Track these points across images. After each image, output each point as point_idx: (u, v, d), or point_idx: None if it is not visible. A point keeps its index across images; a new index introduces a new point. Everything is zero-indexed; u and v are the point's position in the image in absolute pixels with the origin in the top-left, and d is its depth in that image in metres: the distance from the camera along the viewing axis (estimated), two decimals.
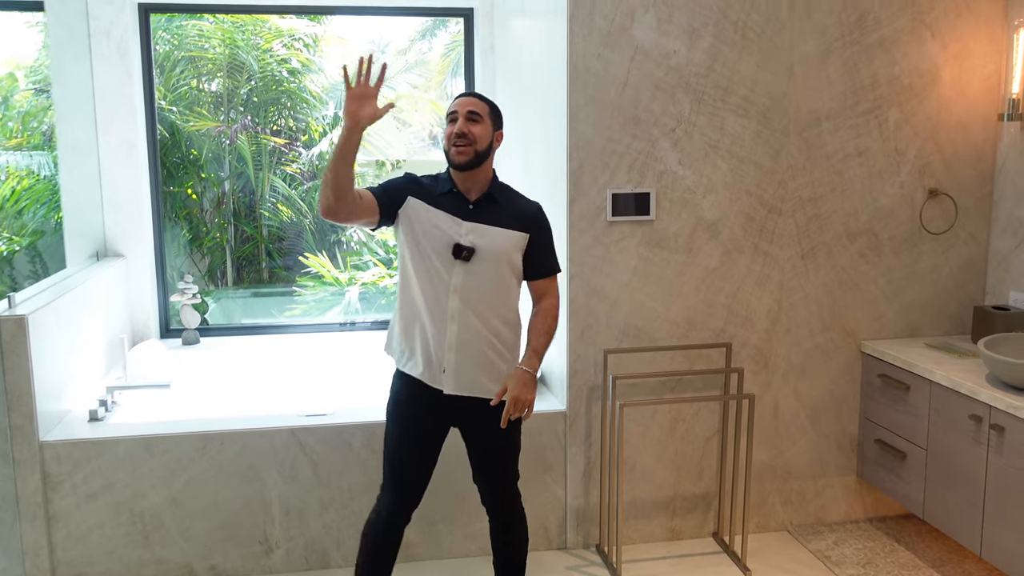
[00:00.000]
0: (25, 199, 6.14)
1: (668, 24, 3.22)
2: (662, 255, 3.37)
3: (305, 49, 6.40)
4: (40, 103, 6.31)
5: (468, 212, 2.60)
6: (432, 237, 2.56)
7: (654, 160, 3.30)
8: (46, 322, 3.20)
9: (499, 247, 2.59)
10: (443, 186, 2.63)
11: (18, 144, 6.27)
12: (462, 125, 2.55)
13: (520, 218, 2.65)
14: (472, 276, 2.57)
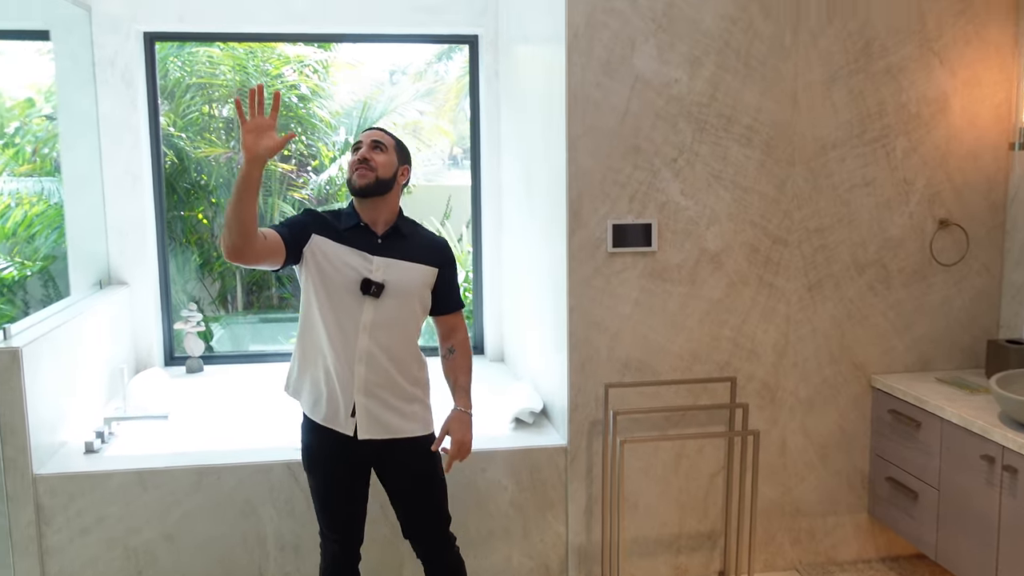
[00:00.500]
0: (37, 224, 6.16)
1: (669, 53, 3.17)
2: (664, 287, 3.30)
3: (315, 75, 6.41)
4: (52, 129, 6.34)
5: (376, 246, 2.54)
6: (340, 273, 2.49)
7: (656, 190, 3.24)
8: (41, 354, 3.18)
9: (409, 282, 2.55)
10: (348, 221, 2.56)
11: (30, 170, 6.30)
12: (365, 152, 2.53)
13: (429, 252, 2.62)
14: (381, 312, 2.50)
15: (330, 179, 6.41)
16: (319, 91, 6.44)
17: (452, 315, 2.74)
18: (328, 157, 6.53)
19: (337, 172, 6.38)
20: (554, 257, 3.40)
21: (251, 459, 3.22)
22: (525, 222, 3.97)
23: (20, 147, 6.48)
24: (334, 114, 6.58)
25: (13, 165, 6.27)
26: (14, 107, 6.78)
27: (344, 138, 6.64)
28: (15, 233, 6.08)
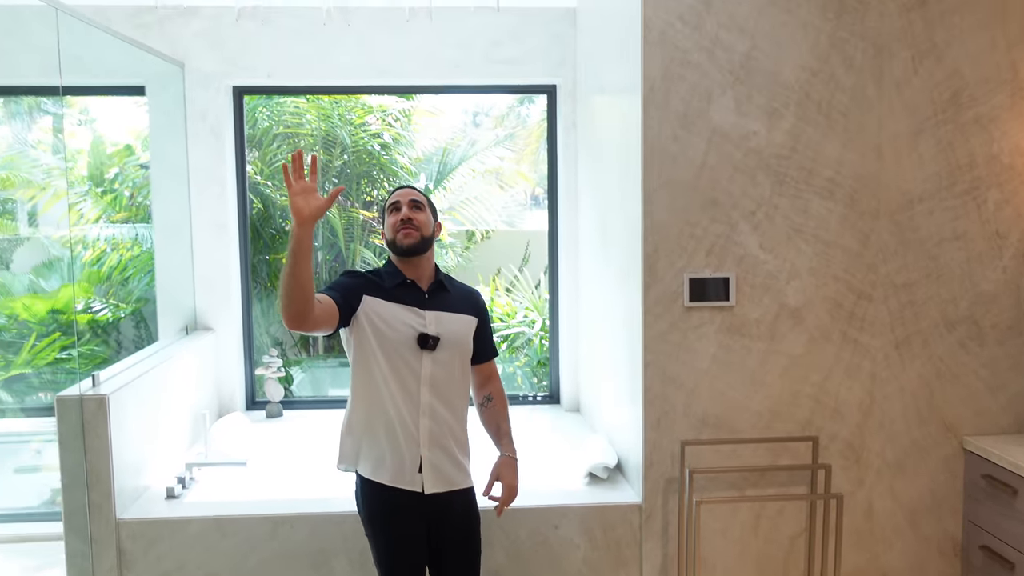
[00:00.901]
0: (131, 268, 6.41)
1: (747, 105, 3.13)
2: (743, 342, 3.22)
3: (396, 123, 6.54)
4: (146, 177, 6.61)
5: (425, 301, 2.59)
6: (396, 331, 2.51)
7: (734, 244, 3.18)
8: (127, 400, 3.27)
9: (458, 333, 2.61)
10: (393, 279, 2.59)
11: (126, 217, 6.57)
12: (407, 212, 2.58)
13: (468, 303, 2.70)
14: (438, 365, 2.55)
15: None
16: (400, 139, 6.56)
17: (488, 363, 2.82)
18: None
19: None
20: (629, 310, 3.36)
21: (325, 509, 3.24)
22: (601, 271, 3.95)
23: (118, 193, 6.79)
24: (415, 160, 6.69)
25: (111, 212, 6.55)
26: (114, 154, 7.11)
27: (424, 184, 6.73)
28: (110, 277, 6.33)
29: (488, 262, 6.71)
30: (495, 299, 5.84)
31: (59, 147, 7.34)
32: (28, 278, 6.47)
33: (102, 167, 6.99)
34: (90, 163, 7.03)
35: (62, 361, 5.90)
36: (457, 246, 6.61)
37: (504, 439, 2.75)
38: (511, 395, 4.94)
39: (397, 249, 2.58)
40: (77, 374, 4.27)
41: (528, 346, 5.52)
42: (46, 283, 6.41)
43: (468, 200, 6.69)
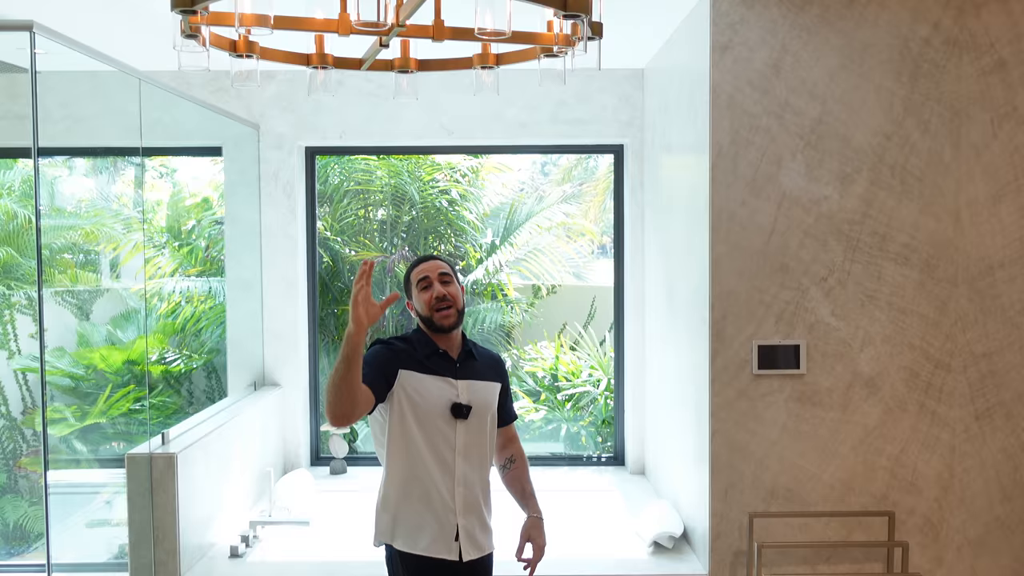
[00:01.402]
0: (204, 320, 6.56)
1: (818, 169, 3.08)
2: (815, 412, 3.13)
3: (464, 179, 6.61)
4: (220, 233, 6.80)
5: (456, 370, 2.58)
6: (430, 402, 2.51)
7: (804, 310, 3.11)
8: (195, 459, 3.32)
9: (487, 399, 2.61)
10: (426, 348, 2.57)
11: (200, 271, 6.74)
12: (440, 289, 2.54)
13: (493, 368, 2.70)
14: (471, 433, 2.55)
15: (476, 281, 6.52)
16: (468, 195, 6.62)
17: (509, 426, 2.82)
18: (475, 258, 6.67)
19: (483, 274, 6.50)
20: (696, 376, 3.30)
21: (382, 572, 3.22)
22: (667, 333, 3.89)
23: (194, 245, 6.99)
24: (482, 216, 6.74)
25: (187, 265, 6.74)
26: (192, 207, 7.34)
27: (491, 240, 6.77)
28: (183, 328, 6.49)
29: (553, 317, 6.68)
30: (560, 357, 5.80)
31: (139, 200, 7.61)
32: (106, 329, 6.66)
33: (180, 219, 7.21)
34: (168, 215, 7.25)
35: (135, 412, 6.04)
36: (523, 301, 6.61)
37: (530, 500, 2.77)
38: (575, 455, 4.89)
39: (436, 327, 2.57)
40: (148, 426, 4.36)
41: (593, 404, 5.46)
42: (123, 334, 6.60)
43: (534, 252, 6.70)
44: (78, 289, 6.94)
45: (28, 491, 5.95)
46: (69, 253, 7.12)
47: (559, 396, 5.60)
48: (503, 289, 6.56)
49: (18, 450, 6.13)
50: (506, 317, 6.48)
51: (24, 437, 6.21)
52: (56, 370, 6.13)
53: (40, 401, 6.23)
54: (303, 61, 2.06)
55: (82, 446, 6.01)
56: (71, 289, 6.89)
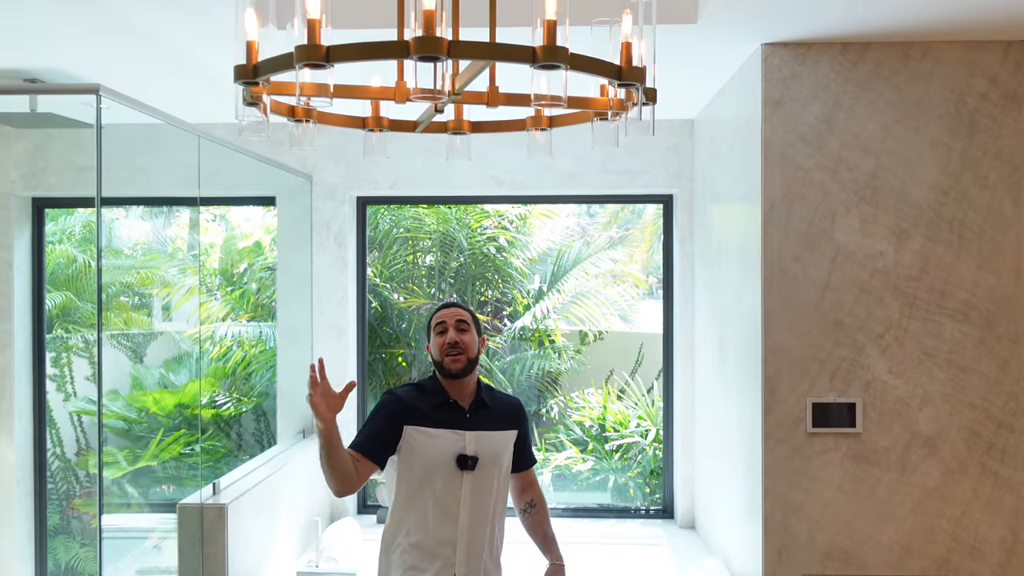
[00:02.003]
0: (254, 364, 6.64)
1: (873, 225, 3.04)
2: (871, 472, 3.06)
3: (511, 226, 6.64)
4: (269, 278, 6.91)
5: (465, 421, 2.60)
6: (436, 455, 2.55)
7: (860, 368, 3.05)
8: (245, 508, 3.33)
9: (497, 450, 2.62)
10: (436, 397, 2.61)
11: (251, 316, 6.84)
12: (453, 335, 2.58)
13: (509, 416, 2.70)
14: (478, 484, 2.57)
15: (524, 327, 6.52)
16: (515, 242, 6.65)
17: (528, 471, 2.83)
18: (523, 304, 6.67)
19: (531, 320, 6.50)
20: (748, 432, 3.24)
21: None
22: (717, 385, 3.84)
23: (246, 288, 7.10)
24: (529, 261, 6.76)
25: (238, 310, 6.84)
26: (244, 250, 7.47)
27: (538, 286, 6.78)
28: (234, 372, 6.57)
29: (600, 364, 6.64)
30: (607, 407, 5.75)
31: (194, 244, 7.76)
32: (159, 372, 6.77)
33: (232, 262, 7.34)
34: (221, 258, 7.39)
35: (186, 456, 6.11)
36: (569, 348, 6.58)
37: (551, 546, 2.78)
38: (623, 508, 4.82)
39: (444, 372, 2.60)
40: (199, 471, 4.40)
41: (641, 455, 5.40)
42: (175, 377, 6.70)
43: (581, 295, 6.69)
44: (132, 332, 7.08)
45: (80, 532, 6.03)
46: (125, 296, 7.28)
47: (607, 446, 5.54)
48: (550, 335, 6.55)
49: (71, 491, 6.23)
50: (553, 364, 6.46)
51: (78, 478, 6.31)
52: (110, 413, 6.23)
53: (92, 443, 6.33)
54: (359, 124, 2.10)
55: (133, 489, 6.09)
56: (126, 332, 7.03)
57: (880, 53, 3.02)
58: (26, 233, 4.67)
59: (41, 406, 4.74)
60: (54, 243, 6.63)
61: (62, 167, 4.56)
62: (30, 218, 4.68)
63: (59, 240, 6.77)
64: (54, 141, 4.54)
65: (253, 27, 1.65)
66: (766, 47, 3.04)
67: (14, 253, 4.56)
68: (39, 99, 3.47)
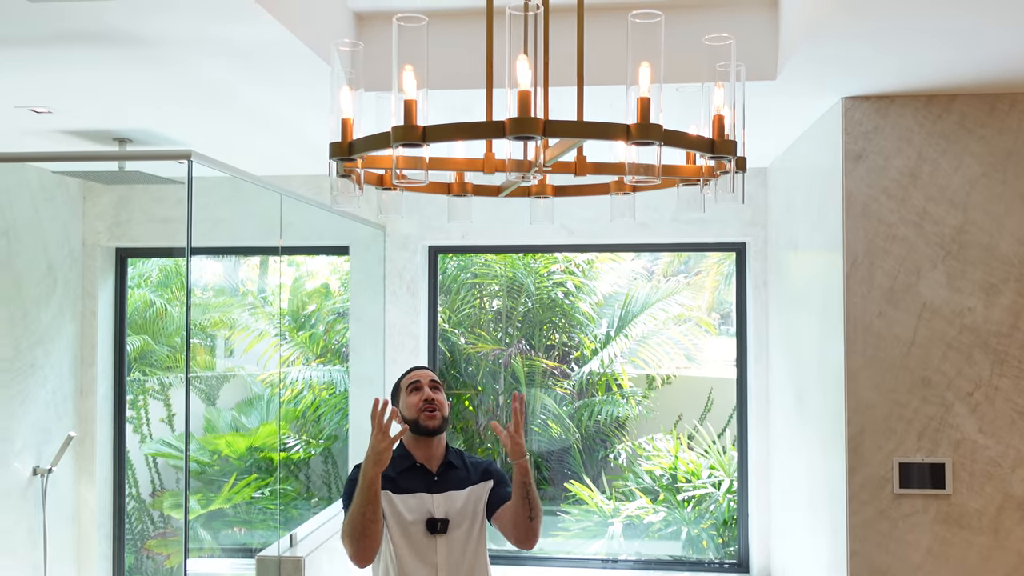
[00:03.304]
0: (324, 408, 6.72)
1: (960, 280, 2.96)
2: (963, 535, 2.95)
3: (578, 271, 6.64)
4: (337, 322, 7.02)
5: (433, 484, 2.58)
6: (407, 522, 2.53)
7: (949, 427, 2.96)
8: (321, 560, 3.35)
9: (469, 507, 2.59)
10: (403, 463, 2.59)
11: (321, 360, 6.93)
12: (428, 393, 2.61)
13: (478, 470, 2.68)
14: (453, 544, 2.55)
15: (591, 372, 6.49)
16: (582, 287, 6.64)
17: None
18: (590, 349, 6.64)
19: (598, 365, 6.47)
20: (831, 491, 3.16)
21: None
22: (795, 438, 3.76)
23: (314, 330, 7.21)
24: (596, 305, 6.74)
25: (309, 355, 6.94)
26: (312, 292, 7.60)
27: (605, 331, 6.75)
28: (304, 415, 6.65)
29: (668, 409, 6.56)
30: (679, 456, 5.67)
31: (264, 287, 7.92)
32: (231, 414, 6.89)
33: (301, 304, 7.46)
34: (291, 299, 7.52)
35: (257, 500, 6.18)
36: (637, 393, 6.52)
37: None
38: (697, 561, 4.73)
39: (420, 430, 2.59)
40: (271, 514, 4.44)
41: (715, 505, 5.30)
42: (247, 419, 6.81)
43: (647, 337, 6.64)
44: (206, 375, 7.23)
45: (154, 573, 6.13)
46: (199, 338, 7.45)
47: (679, 497, 5.46)
48: (617, 380, 6.50)
49: (146, 532, 6.35)
50: (620, 409, 6.40)
51: (152, 520, 6.43)
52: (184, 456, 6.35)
53: (167, 484, 6.45)
54: (444, 190, 2.12)
55: (206, 532, 6.17)
56: (199, 375, 7.18)
57: (966, 105, 2.97)
58: (110, 282, 4.81)
59: (120, 450, 4.85)
60: (132, 287, 6.82)
61: (145, 219, 4.71)
62: (113, 267, 4.83)
63: (137, 285, 6.97)
64: (137, 194, 4.69)
65: (348, 104, 1.69)
66: (847, 100, 3.01)
67: (98, 302, 4.70)
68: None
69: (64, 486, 4.56)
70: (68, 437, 4.43)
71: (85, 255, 4.71)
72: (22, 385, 4.25)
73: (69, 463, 4.59)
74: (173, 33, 2.43)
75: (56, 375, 4.49)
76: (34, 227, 4.31)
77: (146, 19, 2.31)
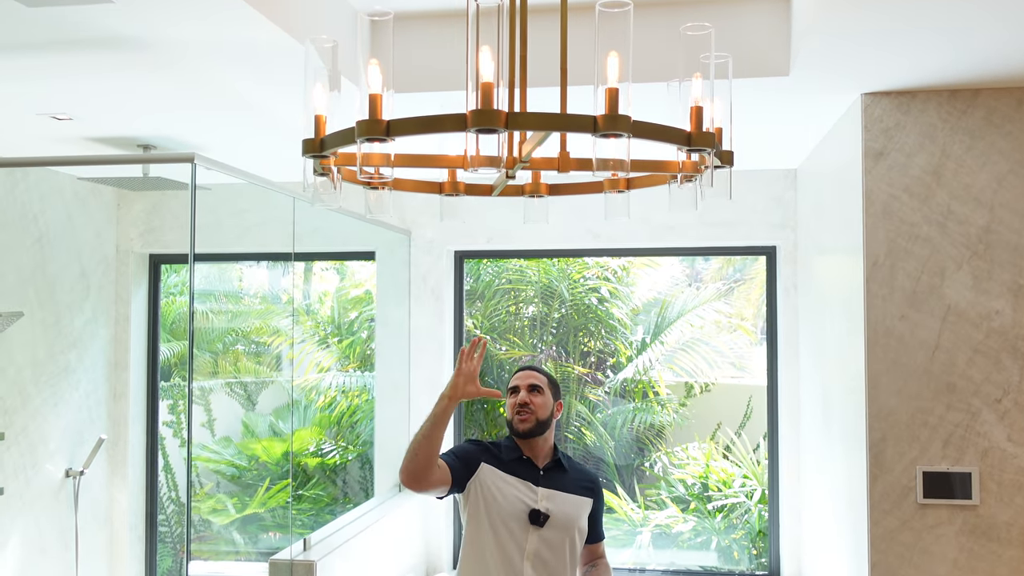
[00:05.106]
0: (359, 413, 6.75)
1: (987, 282, 2.84)
2: (990, 547, 2.82)
3: (613, 277, 6.57)
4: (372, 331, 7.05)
5: (539, 478, 2.63)
6: (508, 502, 2.56)
7: (975, 435, 2.84)
8: (335, 565, 3.35)
9: (571, 512, 2.62)
10: (511, 453, 2.66)
11: (357, 367, 6.96)
12: (524, 396, 2.65)
13: (585, 484, 2.72)
14: (544, 542, 2.56)
15: (626, 380, 6.40)
16: (617, 293, 6.57)
17: (597, 544, 2.82)
18: (625, 355, 6.56)
19: (633, 372, 6.39)
20: (854, 500, 3.06)
21: None
22: (822, 447, 3.66)
23: (356, 337, 7.25)
24: (632, 311, 6.66)
25: (345, 360, 6.98)
26: (354, 299, 7.64)
27: (641, 337, 6.66)
28: (339, 422, 6.69)
29: (706, 417, 6.44)
30: (710, 464, 5.56)
31: (307, 293, 7.99)
32: (269, 419, 6.95)
33: (343, 311, 7.51)
34: (333, 307, 7.58)
35: (291, 504, 6.22)
36: (674, 400, 6.41)
37: None
38: (727, 571, 4.63)
39: (513, 431, 2.69)
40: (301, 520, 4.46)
41: (747, 515, 5.18)
42: (284, 424, 6.87)
43: (688, 345, 6.52)
44: (246, 380, 7.32)
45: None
46: (241, 345, 7.55)
47: (709, 506, 5.35)
48: (654, 387, 6.41)
49: (184, 535, 6.43)
50: (656, 416, 6.30)
51: (192, 522, 6.51)
52: (222, 460, 6.43)
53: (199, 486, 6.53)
54: (436, 189, 2.10)
55: (239, 536, 6.23)
56: (240, 380, 7.27)
57: (992, 99, 2.85)
58: (143, 288, 4.89)
59: (153, 454, 4.92)
60: (175, 295, 6.94)
61: (177, 225, 4.78)
62: (147, 274, 4.90)
63: (180, 292, 7.09)
64: (169, 201, 4.76)
65: (322, 101, 1.68)
66: (866, 96, 2.92)
67: (131, 307, 4.78)
68: (151, 164, 3.66)
69: (96, 488, 4.63)
70: (99, 440, 4.51)
71: (118, 261, 4.79)
72: (55, 388, 4.33)
73: (102, 466, 4.67)
74: (192, 39, 2.47)
75: (89, 379, 4.58)
76: (67, 233, 4.41)
77: (168, 25, 2.35)
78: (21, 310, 3.92)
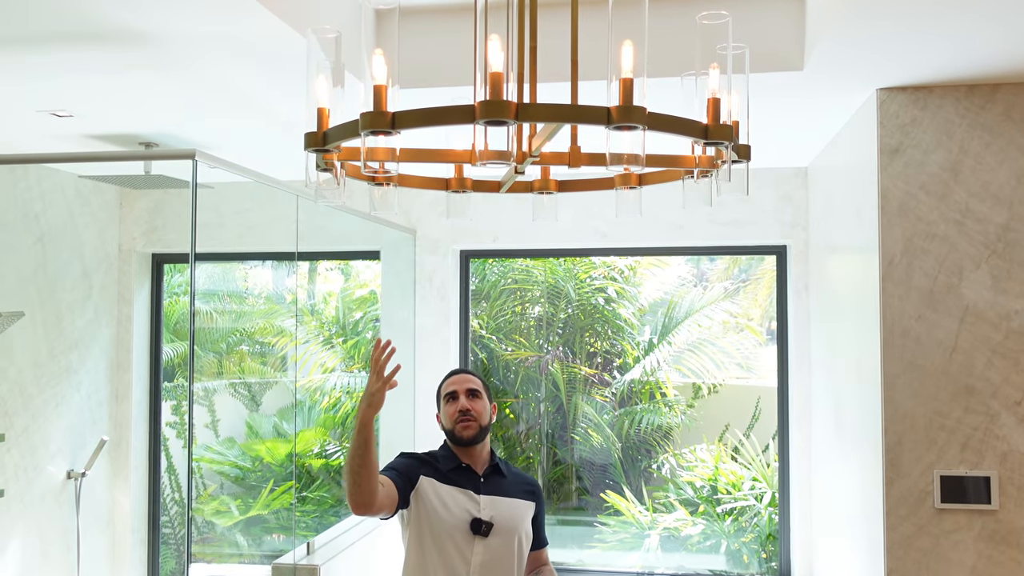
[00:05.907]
0: None
1: (1006, 281, 2.77)
2: (1011, 554, 2.76)
3: (620, 277, 6.51)
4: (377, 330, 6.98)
5: (480, 485, 2.53)
6: (450, 514, 2.47)
7: (994, 438, 2.77)
8: (338, 569, 3.29)
9: (515, 517, 2.54)
10: (449, 463, 2.55)
11: (361, 367, 6.91)
12: (464, 402, 2.54)
13: (526, 488, 2.65)
14: (490, 551, 2.47)
15: (633, 381, 6.34)
16: (624, 293, 6.51)
17: (541, 551, 2.73)
18: (632, 356, 6.50)
19: (640, 373, 6.32)
20: (869, 505, 2.99)
21: None
22: (834, 450, 3.59)
23: (360, 337, 7.20)
24: (639, 312, 6.60)
25: (349, 361, 6.93)
26: (359, 299, 7.59)
27: (648, 337, 6.59)
28: (344, 423, 6.63)
29: (714, 418, 6.37)
30: (719, 467, 5.49)
31: (311, 293, 7.95)
32: (273, 420, 6.90)
33: (348, 311, 7.46)
34: (338, 307, 7.53)
35: (293, 507, 6.17)
36: (681, 401, 6.35)
37: None
38: (738, 575, 4.56)
39: (456, 440, 2.56)
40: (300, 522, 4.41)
41: (757, 517, 5.12)
42: (288, 425, 6.82)
43: (696, 345, 6.45)
44: (251, 381, 7.27)
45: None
46: (245, 345, 7.50)
47: (718, 509, 5.28)
48: (661, 388, 6.34)
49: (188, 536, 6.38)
50: (664, 418, 6.24)
51: (196, 524, 6.46)
52: (226, 461, 6.38)
53: (202, 488, 6.48)
54: (442, 186, 2.04)
55: (242, 539, 6.18)
56: (244, 381, 7.22)
57: (1011, 95, 2.79)
58: (146, 288, 4.84)
59: (156, 455, 4.87)
60: (178, 294, 6.89)
61: (180, 224, 4.73)
62: (150, 273, 4.85)
63: (183, 292, 7.04)
64: (172, 199, 4.71)
65: (324, 94, 1.62)
66: (882, 92, 2.85)
67: (134, 307, 4.73)
68: (152, 162, 3.60)
69: (98, 490, 4.58)
70: (101, 441, 4.46)
71: (121, 260, 4.74)
72: (56, 389, 4.28)
73: (104, 467, 4.62)
74: (194, 34, 2.42)
75: (91, 379, 4.53)
76: (69, 232, 4.36)
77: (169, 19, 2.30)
78: (22, 310, 3.88)
